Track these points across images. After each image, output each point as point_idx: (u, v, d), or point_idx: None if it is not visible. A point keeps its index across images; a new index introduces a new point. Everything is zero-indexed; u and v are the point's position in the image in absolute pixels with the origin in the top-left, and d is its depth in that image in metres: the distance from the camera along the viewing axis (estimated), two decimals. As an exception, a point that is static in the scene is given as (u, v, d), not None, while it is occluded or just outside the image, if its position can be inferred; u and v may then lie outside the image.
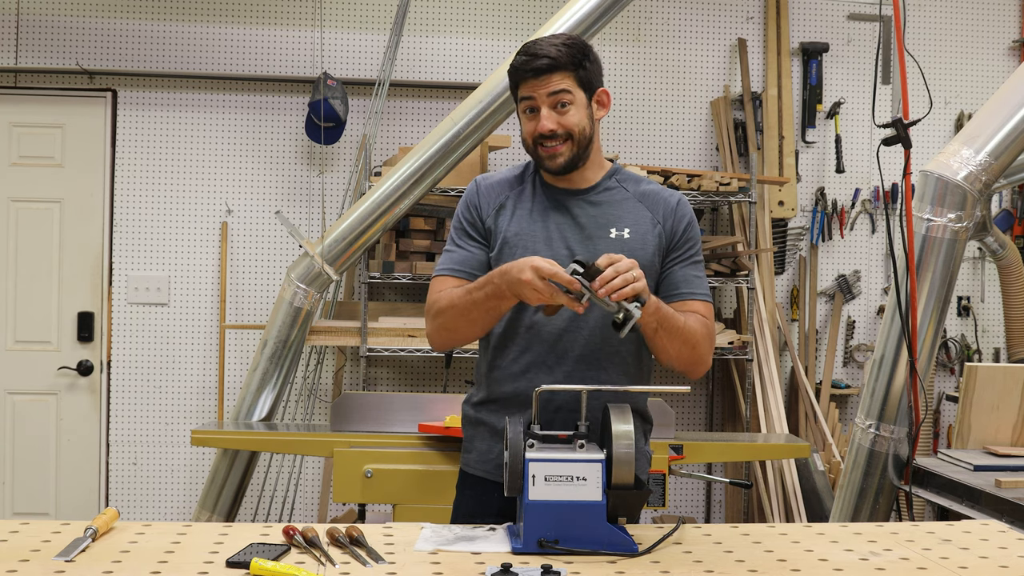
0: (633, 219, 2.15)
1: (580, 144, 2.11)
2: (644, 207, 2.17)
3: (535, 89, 2.08)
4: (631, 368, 2.16)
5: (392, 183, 3.92)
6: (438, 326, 2.12)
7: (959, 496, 2.81)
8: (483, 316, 2.04)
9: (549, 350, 2.10)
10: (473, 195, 2.21)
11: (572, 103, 2.09)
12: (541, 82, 2.07)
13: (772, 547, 1.78)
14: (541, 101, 2.08)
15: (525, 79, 2.09)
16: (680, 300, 2.12)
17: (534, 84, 2.08)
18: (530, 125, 2.11)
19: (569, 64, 2.08)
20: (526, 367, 2.12)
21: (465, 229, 2.19)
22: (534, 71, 2.08)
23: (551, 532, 1.70)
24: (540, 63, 2.07)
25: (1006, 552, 1.78)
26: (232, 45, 4.70)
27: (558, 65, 2.07)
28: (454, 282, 2.12)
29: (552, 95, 2.08)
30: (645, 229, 2.14)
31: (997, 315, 4.93)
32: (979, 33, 5.07)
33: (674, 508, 4.91)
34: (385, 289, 4.76)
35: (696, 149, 4.95)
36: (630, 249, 2.08)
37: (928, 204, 2.96)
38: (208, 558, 1.64)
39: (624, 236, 2.12)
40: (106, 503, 4.66)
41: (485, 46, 4.80)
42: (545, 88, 2.08)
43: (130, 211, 4.67)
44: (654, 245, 2.13)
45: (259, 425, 3.94)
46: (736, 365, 4.77)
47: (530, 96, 2.09)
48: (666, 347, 2.04)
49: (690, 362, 2.08)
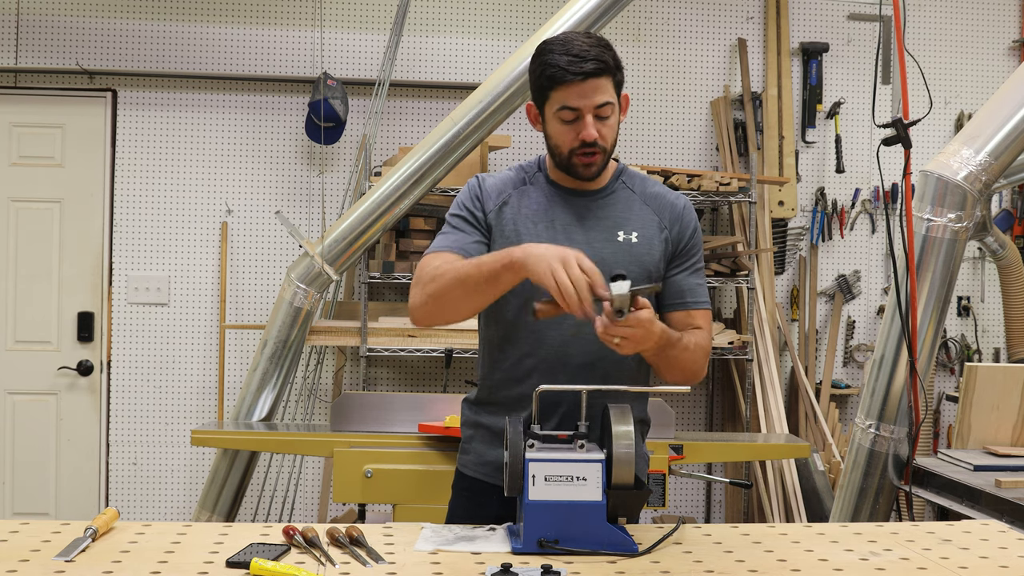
0: (640, 222, 2.11)
1: (609, 155, 2.07)
2: (651, 210, 2.13)
3: (583, 97, 1.96)
4: (635, 376, 2.13)
5: (392, 183, 3.92)
6: (429, 294, 1.98)
7: (959, 496, 2.81)
8: (483, 287, 1.92)
9: (553, 356, 2.06)
10: (476, 188, 2.13)
11: (612, 114, 2.01)
12: (588, 88, 1.96)
13: (772, 547, 1.78)
14: (587, 111, 1.97)
15: (569, 82, 1.95)
16: (684, 309, 2.11)
17: (580, 90, 1.96)
18: (570, 133, 2.00)
19: (613, 68, 1.99)
20: (528, 371, 2.07)
21: (466, 218, 2.10)
22: (583, 75, 1.94)
23: (551, 532, 1.70)
24: (588, 67, 1.95)
25: (1006, 552, 1.78)
26: (232, 45, 4.70)
27: (606, 69, 1.97)
28: (452, 257, 2.03)
29: (600, 107, 1.97)
30: (652, 233, 2.10)
31: (997, 315, 4.93)
32: (979, 33, 5.07)
33: (674, 508, 4.91)
34: (385, 289, 4.76)
35: (696, 149, 4.95)
36: (637, 254, 2.06)
37: (928, 204, 2.96)
38: (208, 558, 1.64)
39: (632, 240, 2.08)
40: (106, 503, 4.66)
41: (485, 46, 4.80)
42: (592, 98, 1.96)
43: (130, 211, 4.67)
44: (660, 251, 2.10)
45: (259, 425, 3.93)
46: (736, 365, 4.77)
47: (575, 107, 1.97)
48: (663, 373, 2.06)
49: (686, 381, 2.07)
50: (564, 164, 2.07)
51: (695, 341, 2.06)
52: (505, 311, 2.09)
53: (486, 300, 1.98)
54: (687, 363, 2.04)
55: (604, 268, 1.84)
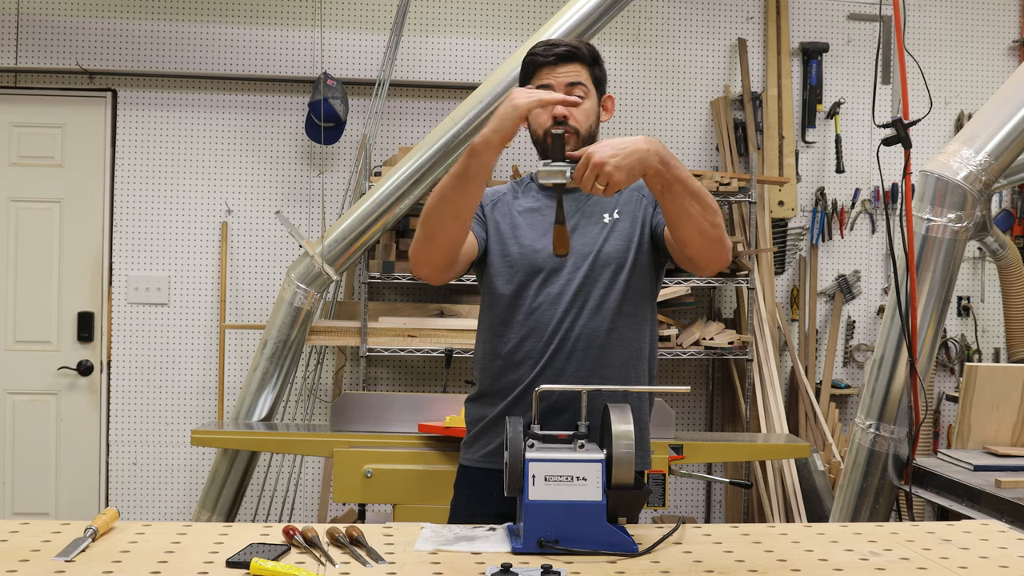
0: (623, 202, 2.21)
1: (585, 143, 2.10)
2: (633, 189, 2.22)
3: (553, 76, 2.11)
4: (635, 359, 2.18)
5: (392, 183, 3.92)
6: (420, 225, 2.04)
7: (959, 496, 2.81)
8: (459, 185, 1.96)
9: (549, 337, 2.13)
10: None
11: (586, 97, 2.13)
12: (559, 69, 2.11)
13: (772, 547, 1.78)
14: (559, 88, 2.10)
15: (544, 65, 2.12)
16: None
17: (551, 72, 2.12)
18: (544, 114, 2.12)
19: (587, 58, 2.14)
20: (527, 355, 2.14)
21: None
22: (555, 57, 2.11)
23: (551, 532, 1.70)
24: (560, 50, 2.12)
25: (1006, 552, 1.78)
26: (232, 45, 4.70)
27: (577, 55, 2.13)
28: None
29: (570, 85, 2.11)
30: (633, 207, 2.20)
31: (997, 315, 4.93)
32: (979, 33, 5.07)
33: (674, 508, 4.91)
34: (385, 289, 4.76)
35: (696, 149, 4.95)
36: (620, 229, 2.17)
37: (928, 204, 2.96)
38: (208, 558, 1.64)
39: (615, 217, 2.19)
40: (106, 503, 4.66)
41: (485, 46, 4.80)
42: (564, 77, 2.11)
43: (130, 211, 4.67)
44: (641, 211, 2.19)
45: (259, 425, 3.94)
46: (736, 365, 4.77)
47: (547, 84, 2.11)
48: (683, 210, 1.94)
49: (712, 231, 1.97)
50: (542, 149, 2.16)
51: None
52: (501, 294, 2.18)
53: (466, 201, 1.99)
54: (704, 197, 1.94)
55: (591, 248, 2.13)
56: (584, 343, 2.12)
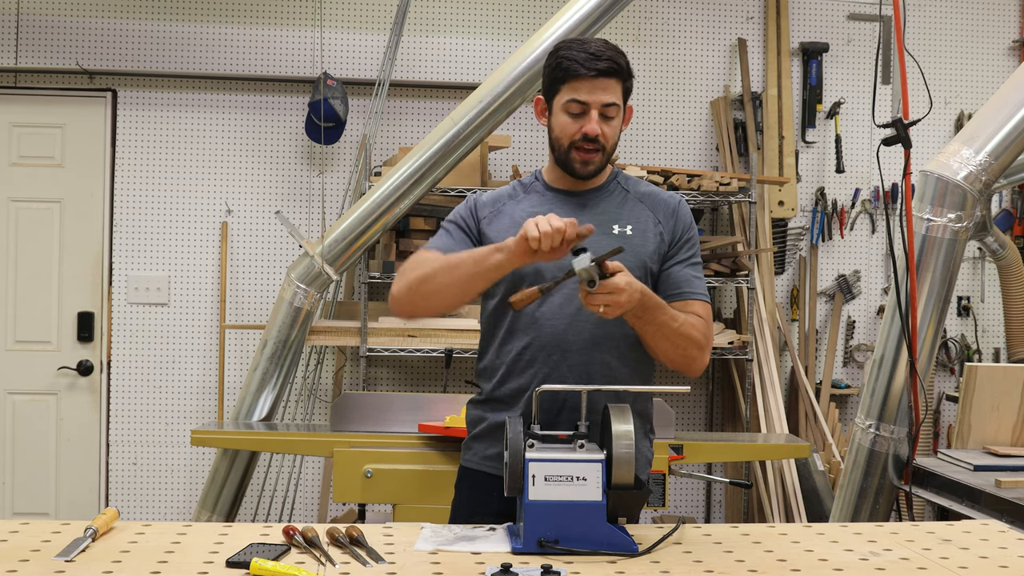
0: (635, 217, 2.18)
1: (608, 156, 2.14)
2: (645, 207, 2.20)
3: (592, 93, 2.05)
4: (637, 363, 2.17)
5: (392, 183, 3.92)
6: (412, 279, 2.05)
7: (959, 496, 2.81)
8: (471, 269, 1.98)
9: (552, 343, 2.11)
10: (471, 201, 2.24)
11: (616, 116, 2.10)
12: (598, 85, 2.05)
13: (772, 547, 1.78)
14: (594, 107, 2.06)
15: (582, 76, 2.04)
16: (681, 300, 2.14)
17: (591, 86, 2.05)
18: (574, 126, 2.08)
19: (625, 73, 2.09)
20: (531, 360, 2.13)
21: (459, 224, 2.20)
22: (596, 71, 2.04)
23: (551, 532, 1.70)
24: (602, 65, 2.04)
25: (1006, 552, 1.78)
26: (232, 45, 4.70)
27: (619, 71, 2.07)
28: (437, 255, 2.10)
29: (606, 106, 2.06)
30: (646, 227, 2.17)
31: (997, 315, 4.93)
32: (979, 33, 5.07)
33: (674, 508, 4.91)
34: (385, 289, 4.75)
35: (696, 149, 4.95)
36: (632, 245, 2.11)
37: (928, 204, 2.96)
38: (208, 558, 1.64)
39: (627, 232, 2.14)
40: (106, 503, 4.66)
41: (485, 46, 4.80)
42: (601, 96, 2.05)
43: (130, 211, 4.67)
44: (654, 244, 2.16)
45: (259, 425, 3.93)
46: (736, 365, 4.77)
47: (583, 100, 2.06)
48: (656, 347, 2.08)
49: (683, 361, 2.10)
50: (563, 158, 2.13)
51: (686, 319, 2.09)
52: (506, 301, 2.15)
53: (471, 286, 2.02)
54: (678, 337, 2.05)
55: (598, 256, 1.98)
56: (588, 349, 2.11)
